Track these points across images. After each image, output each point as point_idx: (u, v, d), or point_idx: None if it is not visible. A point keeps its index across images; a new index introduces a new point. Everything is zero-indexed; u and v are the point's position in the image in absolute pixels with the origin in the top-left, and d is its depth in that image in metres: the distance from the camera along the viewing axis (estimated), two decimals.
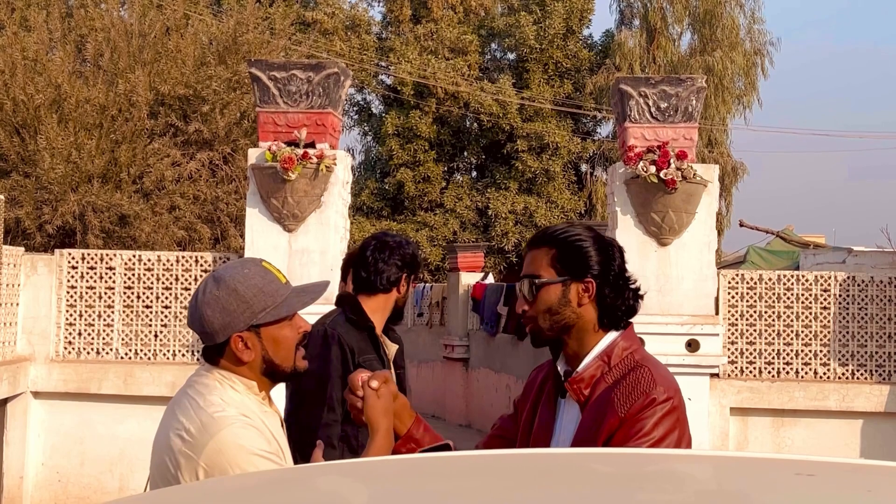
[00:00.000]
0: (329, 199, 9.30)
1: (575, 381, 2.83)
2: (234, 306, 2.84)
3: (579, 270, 2.85)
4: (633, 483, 1.91)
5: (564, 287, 2.86)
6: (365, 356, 4.57)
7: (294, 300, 2.90)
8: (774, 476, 1.91)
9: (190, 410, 2.86)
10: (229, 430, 2.77)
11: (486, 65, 27.59)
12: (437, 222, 24.90)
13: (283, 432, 3.01)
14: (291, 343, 2.93)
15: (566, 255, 2.87)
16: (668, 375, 2.81)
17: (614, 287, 2.86)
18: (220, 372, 2.91)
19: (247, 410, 2.86)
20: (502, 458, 2.21)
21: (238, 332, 2.86)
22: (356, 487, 1.91)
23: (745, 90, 29.37)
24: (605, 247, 2.89)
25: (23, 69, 13.09)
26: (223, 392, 2.88)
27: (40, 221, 12.66)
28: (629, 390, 2.72)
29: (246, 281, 2.85)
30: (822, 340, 9.65)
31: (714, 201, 9.36)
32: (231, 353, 2.89)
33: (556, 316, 2.87)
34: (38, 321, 9.76)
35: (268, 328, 2.88)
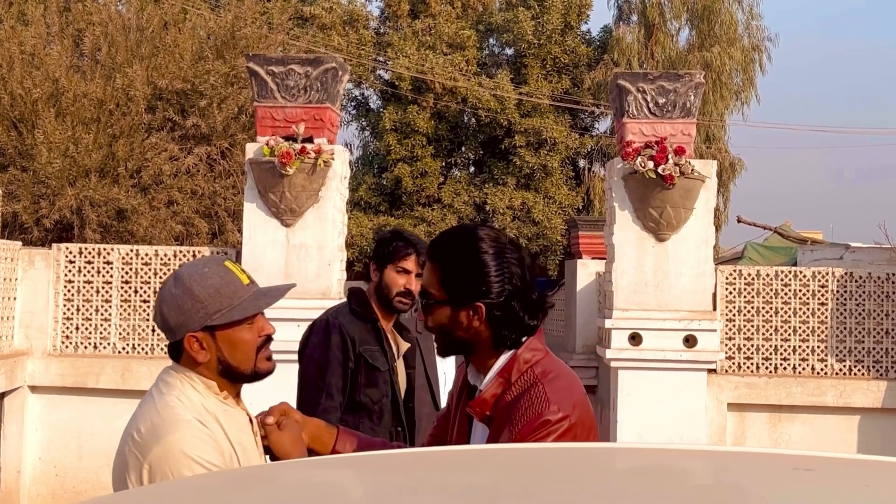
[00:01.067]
0: (327, 194, 9.29)
1: (476, 403, 2.71)
2: (188, 306, 2.80)
3: (466, 295, 2.69)
4: (629, 478, 1.91)
5: (453, 310, 2.71)
6: (366, 346, 4.63)
7: (251, 303, 2.82)
8: (772, 471, 1.91)
9: (146, 409, 2.84)
10: (176, 436, 2.73)
11: (484, 60, 27.54)
12: (435, 218, 24.87)
13: (251, 431, 2.95)
14: (250, 346, 2.86)
15: (452, 277, 2.71)
16: (567, 389, 2.67)
17: (507, 309, 2.68)
18: (184, 371, 2.88)
19: (204, 413, 2.82)
20: (494, 453, 2.21)
21: (192, 332, 2.82)
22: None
23: (743, 86, 29.35)
24: (500, 263, 2.69)
25: (20, 63, 13.08)
26: (182, 391, 2.84)
27: (38, 216, 12.66)
28: (523, 411, 2.59)
29: (203, 281, 2.81)
30: (820, 336, 9.66)
31: (712, 197, 9.36)
32: (187, 352, 2.85)
33: (449, 336, 2.76)
34: (36, 315, 9.76)
35: (224, 330, 2.82)
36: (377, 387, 4.66)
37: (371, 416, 4.65)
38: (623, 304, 9.24)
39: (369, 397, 4.65)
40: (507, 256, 2.71)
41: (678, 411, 9.11)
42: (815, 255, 13.87)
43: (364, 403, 4.65)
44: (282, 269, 9.20)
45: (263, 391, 6.84)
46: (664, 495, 1.74)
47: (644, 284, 9.24)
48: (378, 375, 4.65)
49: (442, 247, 2.78)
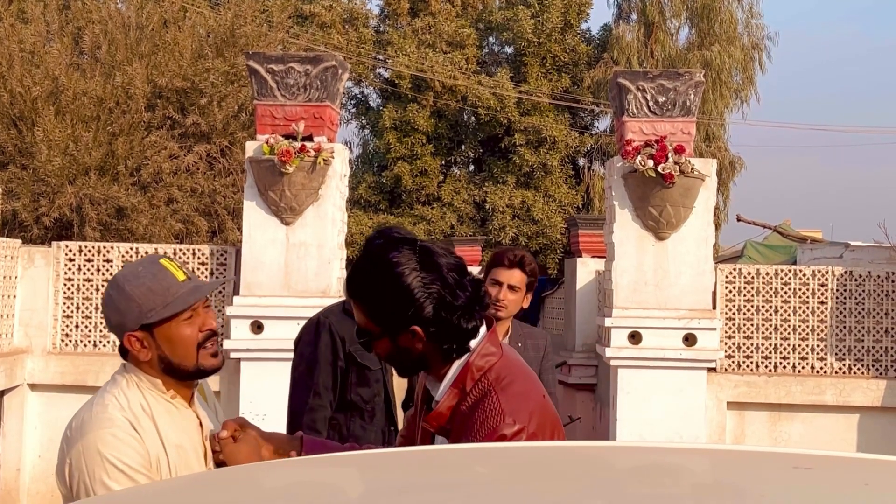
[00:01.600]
0: (327, 193, 9.29)
1: (432, 417, 2.64)
2: (123, 306, 2.84)
3: (398, 323, 2.61)
4: (629, 476, 1.91)
5: (392, 340, 2.64)
6: (356, 346, 4.54)
7: (183, 298, 2.85)
8: (772, 469, 1.91)
9: (85, 405, 2.88)
10: (96, 434, 2.75)
11: (483, 58, 27.54)
12: (435, 216, 24.87)
13: (198, 435, 2.94)
14: (190, 341, 2.87)
15: (378, 311, 2.63)
16: (522, 395, 2.59)
17: (441, 323, 2.59)
18: (132, 369, 2.91)
19: (140, 412, 2.83)
20: (491, 451, 2.21)
21: (130, 331, 2.85)
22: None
23: (743, 84, 29.34)
24: (419, 281, 2.58)
25: (20, 61, 13.08)
26: (123, 390, 2.87)
27: (37, 214, 12.66)
28: (479, 426, 2.52)
29: (135, 280, 2.83)
30: (819, 335, 9.65)
31: (712, 196, 9.36)
32: (130, 352, 2.88)
33: (400, 361, 2.71)
34: (35, 313, 9.75)
35: (161, 327, 2.85)
36: (369, 386, 4.66)
37: (363, 415, 4.66)
38: (623, 302, 9.24)
39: (360, 396, 4.65)
40: (423, 271, 2.60)
41: (678, 410, 9.12)
42: (814, 254, 13.86)
43: (355, 402, 4.65)
44: (281, 268, 9.20)
45: (262, 389, 6.91)
46: (664, 494, 1.74)
47: (644, 283, 9.24)
48: (369, 375, 4.64)
49: (357, 283, 2.68)
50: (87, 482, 2.74)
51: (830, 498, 1.69)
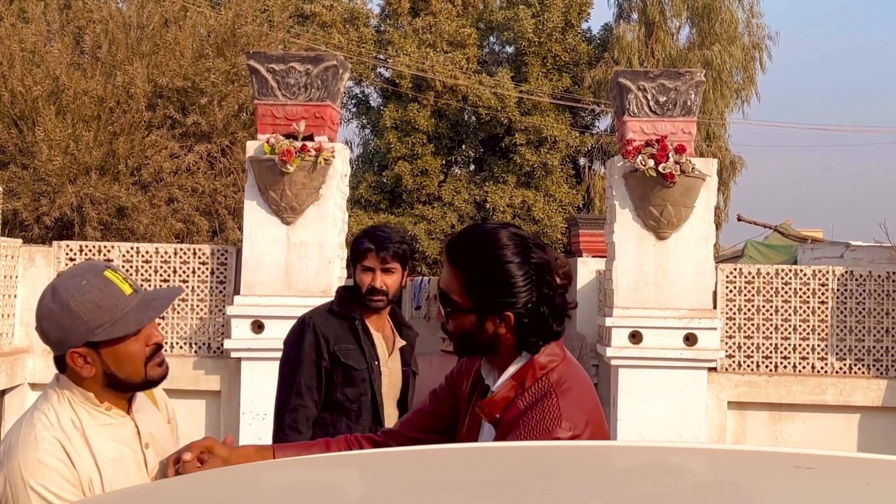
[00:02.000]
0: (327, 192, 9.29)
1: (486, 404, 2.64)
2: (67, 322, 2.65)
3: (494, 305, 2.60)
4: (629, 476, 1.91)
5: (479, 318, 2.63)
6: (342, 345, 4.64)
7: (134, 316, 2.70)
8: (773, 469, 1.91)
9: (15, 425, 2.75)
10: (22, 459, 2.62)
11: (484, 58, 27.54)
12: (435, 216, 24.86)
13: (136, 444, 2.82)
14: (138, 358, 2.73)
15: (480, 287, 2.61)
16: (580, 401, 2.59)
17: (536, 317, 2.60)
18: (64, 383, 2.75)
19: (71, 430, 2.69)
20: (492, 451, 2.21)
21: (74, 348, 2.68)
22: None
23: (744, 84, 29.34)
24: (527, 270, 2.59)
25: (21, 61, 13.07)
26: (52, 406, 2.72)
27: (38, 213, 12.65)
28: (534, 424, 2.51)
29: (80, 295, 2.65)
30: (820, 335, 9.65)
31: (712, 195, 9.36)
32: (70, 367, 2.71)
33: (471, 340, 2.68)
34: None
35: (107, 345, 2.69)
36: (354, 386, 4.65)
37: (349, 414, 4.66)
38: (623, 302, 9.25)
39: (346, 396, 4.65)
40: (533, 261, 2.61)
41: (678, 409, 9.12)
42: (815, 254, 13.86)
43: (341, 402, 4.65)
44: (282, 268, 9.21)
45: (263, 389, 6.87)
46: (665, 494, 1.74)
47: (644, 283, 9.25)
48: (355, 374, 4.64)
49: (463, 252, 2.65)
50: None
51: (832, 498, 1.69)
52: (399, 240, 4.69)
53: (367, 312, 4.72)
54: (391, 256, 4.62)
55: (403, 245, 4.70)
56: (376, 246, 4.62)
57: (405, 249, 4.70)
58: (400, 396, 4.83)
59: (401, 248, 4.66)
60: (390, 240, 4.64)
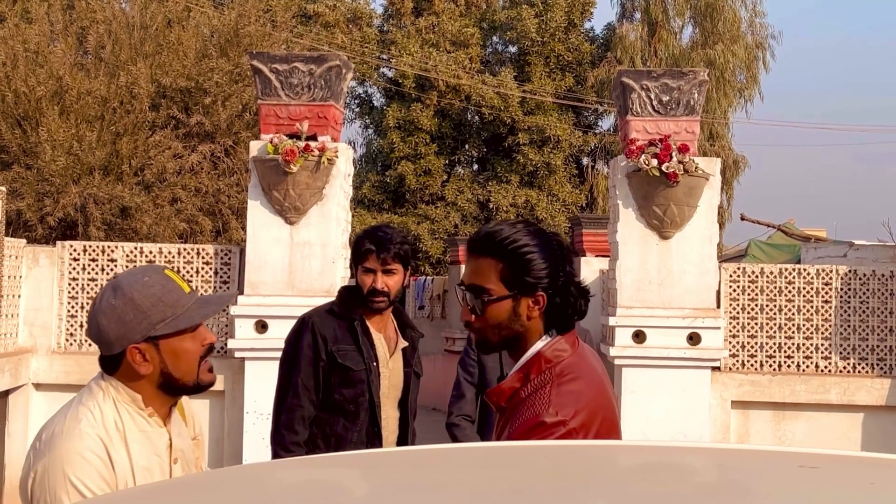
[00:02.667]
0: (331, 192, 9.29)
1: (493, 393, 2.75)
2: (130, 316, 2.68)
3: (529, 285, 2.71)
4: (633, 475, 1.91)
5: (515, 302, 2.73)
6: (340, 345, 4.63)
7: (196, 311, 2.75)
8: (778, 468, 1.91)
9: (58, 415, 2.74)
10: (65, 451, 2.62)
11: (487, 58, 27.55)
12: (439, 215, 24.88)
13: (166, 455, 2.83)
14: (193, 356, 2.78)
15: (515, 269, 2.72)
16: (577, 393, 2.64)
17: (564, 294, 2.74)
18: (111, 381, 2.76)
19: (113, 430, 2.70)
20: (500, 450, 2.21)
21: (135, 343, 2.70)
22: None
23: (747, 83, 29.34)
24: (552, 253, 2.74)
25: (24, 61, 13.09)
26: (98, 404, 2.72)
27: (42, 213, 12.66)
28: (524, 410, 2.61)
29: (144, 290, 2.70)
30: (824, 334, 9.65)
31: (716, 195, 9.35)
32: (127, 364, 2.73)
33: (505, 330, 2.76)
34: (40, 313, 9.76)
35: (167, 340, 2.72)
36: (352, 386, 4.64)
37: (346, 415, 4.65)
38: (627, 301, 9.24)
39: (343, 396, 4.63)
40: (554, 244, 2.76)
41: (682, 409, 9.12)
42: (818, 253, 13.85)
43: (338, 402, 4.64)
44: (286, 267, 9.21)
45: (266, 388, 6.90)
46: (670, 493, 1.74)
47: (648, 282, 9.24)
48: (353, 375, 4.62)
49: (491, 242, 2.76)
50: (50, 499, 2.61)
51: (837, 497, 1.69)
52: (400, 241, 4.68)
53: (369, 313, 4.71)
54: (392, 258, 4.61)
55: (405, 246, 4.69)
56: (377, 247, 4.61)
57: (406, 250, 4.69)
58: (401, 397, 4.80)
59: (402, 249, 4.65)
60: (391, 241, 4.63)
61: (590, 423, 2.61)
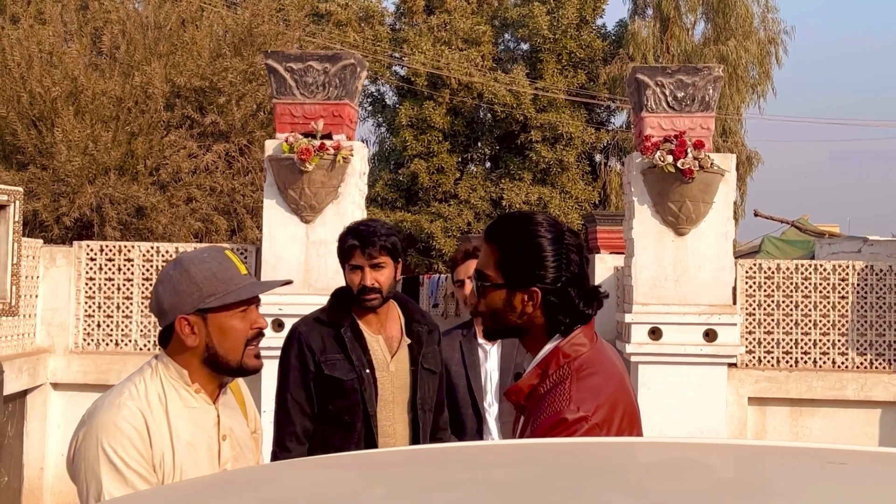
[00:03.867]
0: (346, 190, 9.30)
1: (512, 392, 2.72)
2: (184, 287, 2.82)
3: (523, 278, 2.68)
4: (661, 473, 1.91)
5: (509, 294, 2.70)
6: (328, 355, 4.42)
7: (246, 289, 2.85)
8: (807, 465, 1.91)
9: (107, 392, 2.89)
10: (103, 420, 2.73)
11: (499, 55, 27.53)
12: (452, 213, 24.87)
13: (214, 433, 2.91)
14: (240, 336, 2.86)
15: (510, 260, 2.69)
16: (596, 388, 2.62)
17: (563, 296, 2.67)
18: (161, 359, 2.89)
19: (156, 403, 2.80)
20: (518, 448, 2.21)
21: (185, 314, 2.82)
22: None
23: (760, 79, 29.27)
24: (558, 249, 2.68)
25: (39, 62, 13.13)
26: (146, 379, 2.85)
27: (58, 214, 12.71)
28: (545, 407, 2.58)
29: (201, 265, 2.84)
30: (840, 330, 9.63)
31: (731, 190, 9.33)
32: (177, 336, 2.85)
33: (500, 320, 2.74)
34: (57, 313, 9.80)
35: (216, 315, 2.84)
36: (345, 397, 4.41)
37: (342, 426, 4.42)
38: (643, 298, 9.23)
39: (337, 407, 4.42)
40: (565, 242, 2.70)
41: (699, 406, 9.11)
42: (832, 249, 13.81)
43: (333, 414, 4.43)
44: (301, 266, 9.22)
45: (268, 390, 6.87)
46: (699, 490, 1.74)
47: (663, 279, 9.23)
48: (345, 385, 4.40)
49: (500, 230, 2.76)
50: (84, 468, 2.73)
51: (871, 494, 1.70)
52: (386, 232, 4.45)
53: (364, 313, 4.49)
54: (378, 251, 4.39)
55: (391, 237, 4.45)
56: (360, 242, 4.42)
57: (394, 242, 4.46)
58: (411, 397, 4.54)
59: (388, 241, 4.42)
60: (375, 233, 4.42)
61: (611, 417, 2.59)
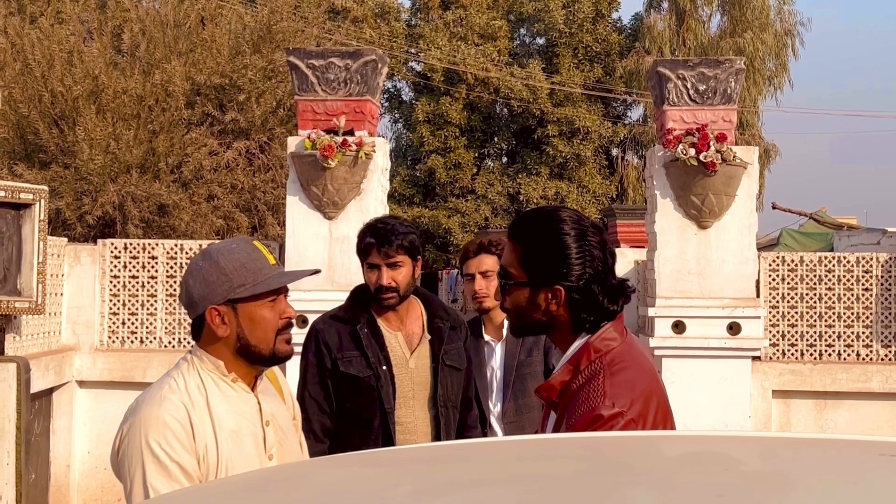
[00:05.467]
0: (368, 186, 9.32)
1: (543, 389, 2.69)
2: (213, 278, 2.83)
3: (547, 276, 2.65)
4: (724, 465, 1.91)
5: (532, 291, 2.68)
6: (344, 352, 4.42)
7: (275, 279, 2.87)
8: (859, 457, 1.91)
9: (148, 388, 2.91)
10: (145, 416, 2.76)
11: (515, 50, 27.53)
12: (469, 208, 24.89)
13: (257, 421, 2.93)
14: (270, 325, 2.87)
15: (534, 258, 2.67)
16: (630, 382, 2.60)
17: (587, 293, 2.64)
18: (196, 353, 2.91)
19: (196, 393, 2.83)
20: (528, 444, 2.22)
21: (215, 304, 2.84)
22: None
23: (776, 71, 29.20)
24: (582, 246, 2.65)
25: (60, 61, 13.19)
26: (184, 372, 2.87)
27: (80, 212, 12.75)
28: (580, 404, 2.55)
29: (230, 255, 2.85)
30: (865, 322, 9.60)
31: (754, 183, 9.31)
32: (208, 327, 2.87)
33: (525, 318, 2.73)
34: (83, 311, 9.85)
35: (246, 305, 2.85)
36: (362, 394, 4.40)
37: (359, 423, 4.41)
38: (666, 292, 9.22)
39: (354, 404, 4.42)
40: (588, 239, 2.67)
41: (723, 399, 9.10)
42: (851, 241, 13.78)
43: (351, 411, 4.44)
44: (325, 262, 9.25)
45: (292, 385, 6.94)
46: (752, 484, 1.75)
47: (687, 272, 9.22)
48: (361, 382, 4.39)
49: (522, 227, 2.74)
50: (128, 463, 2.76)
51: None
52: (403, 231, 4.41)
53: (383, 310, 4.47)
54: (395, 250, 4.35)
55: (409, 236, 4.41)
56: (378, 240, 4.38)
57: (412, 240, 4.41)
58: (431, 394, 4.51)
59: (406, 240, 4.38)
60: (393, 232, 4.38)
61: (646, 412, 2.57)
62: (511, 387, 5.00)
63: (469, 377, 4.73)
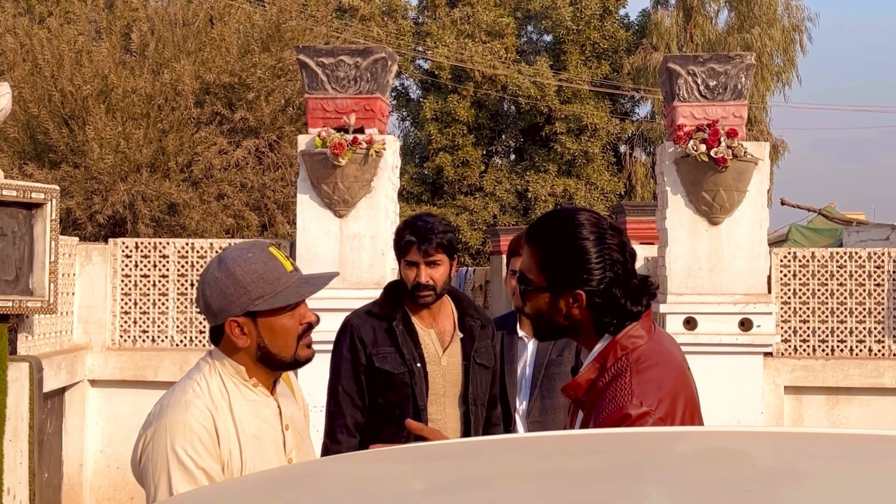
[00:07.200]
0: (379, 184, 9.33)
1: (570, 386, 2.69)
2: (231, 290, 2.78)
3: (567, 281, 2.64)
4: (709, 462, 1.90)
5: (553, 297, 2.66)
6: (379, 348, 4.45)
7: (294, 290, 2.81)
8: (886, 451, 1.90)
9: (169, 390, 2.88)
10: (170, 421, 2.73)
11: (522, 47, 27.52)
12: (477, 206, 24.90)
13: (278, 424, 2.92)
14: (291, 334, 2.84)
15: (552, 263, 2.66)
16: (657, 380, 2.58)
17: (608, 297, 2.63)
18: (218, 355, 2.89)
19: (219, 399, 2.81)
20: (547, 440, 2.21)
21: (234, 317, 2.80)
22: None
23: (784, 67, 29.15)
24: (601, 249, 2.63)
25: (69, 60, 13.20)
26: (206, 375, 2.85)
27: (91, 211, 12.77)
28: (607, 402, 2.54)
29: (246, 266, 2.79)
30: (877, 318, 9.58)
31: (764, 179, 9.31)
32: (227, 337, 2.84)
33: (547, 322, 2.72)
34: (94, 310, 9.86)
35: (265, 316, 2.81)
36: (396, 390, 4.45)
37: (392, 419, 4.40)
38: (677, 288, 9.22)
39: (388, 401, 4.46)
40: (607, 242, 2.64)
41: (735, 395, 9.09)
42: (860, 236, 13.77)
43: (383, 407, 4.47)
44: (336, 260, 9.25)
45: (319, 381, 7.00)
46: (805, 479, 1.74)
47: (698, 268, 9.21)
48: (395, 378, 4.44)
49: (541, 231, 2.72)
50: (152, 469, 2.74)
51: None
52: (443, 229, 4.46)
53: (417, 308, 4.52)
54: (435, 248, 4.39)
55: (448, 234, 4.46)
56: (418, 238, 4.41)
57: (450, 238, 4.46)
58: (462, 391, 4.56)
59: (445, 239, 4.42)
60: (433, 231, 4.41)
61: (674, 410, 2.56)
62: (539, 386, 4.99)
63: (495, 375, 4.76)
